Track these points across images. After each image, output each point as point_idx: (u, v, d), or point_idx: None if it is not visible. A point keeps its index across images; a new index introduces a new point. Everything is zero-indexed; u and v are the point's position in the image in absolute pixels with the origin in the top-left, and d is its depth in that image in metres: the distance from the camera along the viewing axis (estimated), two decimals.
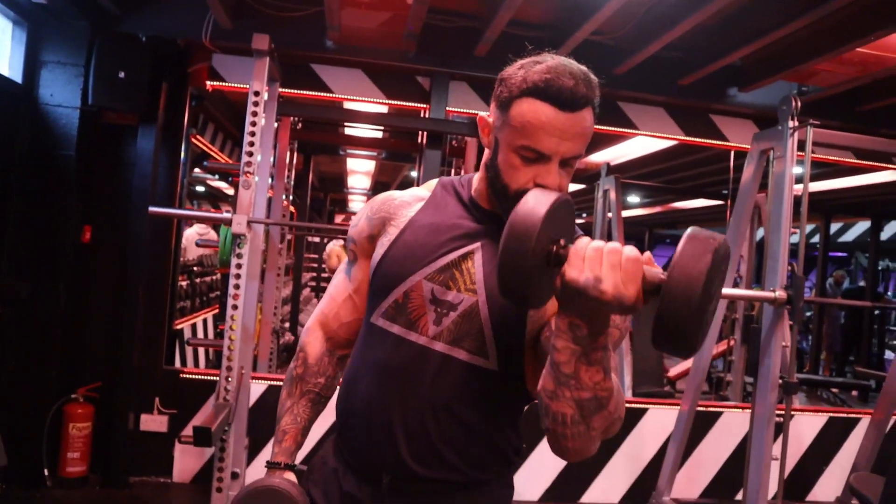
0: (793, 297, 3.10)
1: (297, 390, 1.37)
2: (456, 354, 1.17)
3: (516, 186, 1.13)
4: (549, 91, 1.08)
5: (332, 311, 1.37)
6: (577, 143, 1.11)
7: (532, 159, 1.11)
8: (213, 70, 3.92)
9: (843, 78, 3.98)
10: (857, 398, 7.14)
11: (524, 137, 1.10)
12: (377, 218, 1.31)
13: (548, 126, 1.08)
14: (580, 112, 1.09)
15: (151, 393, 3.82)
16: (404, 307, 1.20)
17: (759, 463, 3.18)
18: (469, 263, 1.19)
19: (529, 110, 1.09)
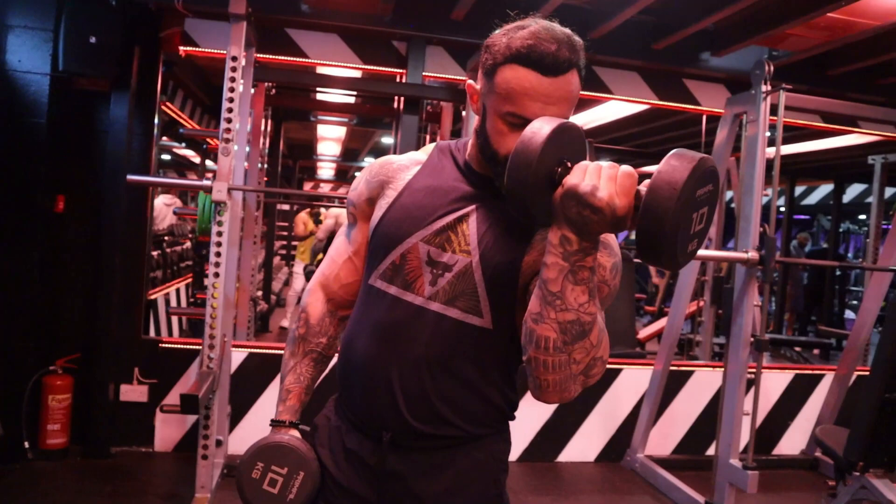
0: (765, 258, 3.20)
1: (300, 350, 1.39)
2: (450, 314, 1.21)
3: (505, 152, 1.14)
4: (532, 56, 1.09)
5: (332, 273, 1.40)
6: (562, 107, 1.12)
7: (518, 125, 1.12)
8: (186, 35, 3.84)
9: (812, 43, 4.04)
10: (818, 356, 7.37)
11: (509, 104, 1.12)
12: (376, 181, 1.33)
13: (531, 92, 1.10)
14: (564, 76, 1.10)
15: (130, 363, 3.81)
16: (401, 268, 1.23)
17: (732, 418, 3.30)
18: (464, 226, 1.21)
19: (513, 77, 1.11)
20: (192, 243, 7.36)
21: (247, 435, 3.89)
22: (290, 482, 1.27)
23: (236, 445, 3.82)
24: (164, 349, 3.87)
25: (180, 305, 6.12)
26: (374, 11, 3.83)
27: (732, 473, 3.22)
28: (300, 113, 7.15)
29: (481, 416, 1.26)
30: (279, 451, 1.28)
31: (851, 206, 10.09)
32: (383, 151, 10.42)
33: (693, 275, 3.90)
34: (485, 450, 1.28)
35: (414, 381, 1.21)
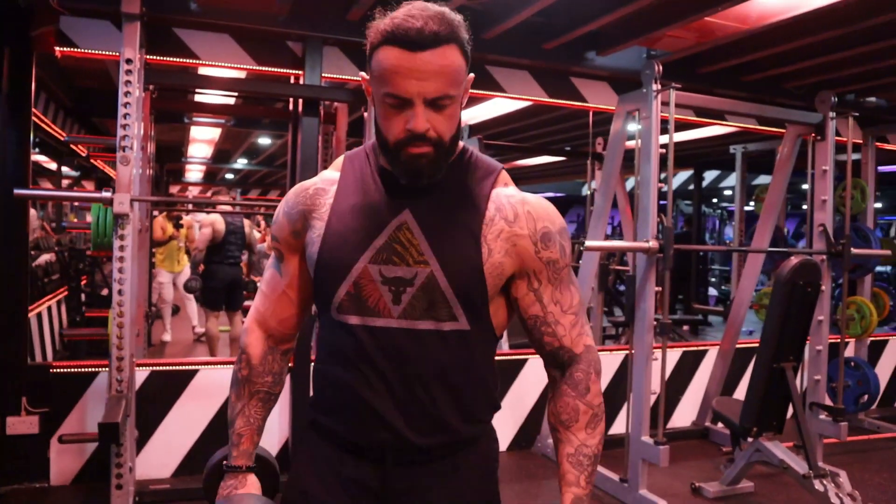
0: (664, 246, 3.41)
1: (246, 391, 1.35)
2: (426, 326, 1.19)
3: (393, 138, 1.15)
4: (397, 34, 1.09)
5: (268, 310, 1.35)
6: (437, 81, 1.11)
7: (397, 105, 1.13)
8: (62, 34, 3.54)
9: (686, 43, 4.34)
10: (689, 332, 7.94)
11: (384, 85, 1.12)
12: (296, 212, 1.28)
13: (400, 69, 1.10)
14: (434, 50, 1.09)
15: (17, 392, 3.50)
16: (358, 296, 1.20)
17: (640, 398, 3.50)
18: (408, 234, 1.19)
19: (384, 57, 1.11)
20: (58, 256, 6.83)
21: (154, 456, 3.69)
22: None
23: (144, 470, 3.62)
24: (56, 374, 3.58)
25: (53, 324, 5.67)
26: (268, 11, 3.71)
27: (645, 449, 3.42)
28: (173, 115, 6.80)
29: (476, 413, 1.27)
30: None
31: (706, 191, 10.90)
32: (258, 152, 10.12)
33: (595, 263, 4.10)
34: (480, 450, 1.30)
35: (407, 398, 1.19)
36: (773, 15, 3.76)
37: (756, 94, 4.87)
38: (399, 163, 1.17)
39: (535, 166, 10.53)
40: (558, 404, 1.28)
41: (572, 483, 1.25)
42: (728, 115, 5.00)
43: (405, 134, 1.13)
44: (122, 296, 2.95)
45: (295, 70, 4.02)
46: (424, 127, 1.12)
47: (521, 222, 1.23)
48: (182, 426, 3.75)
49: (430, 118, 1.13)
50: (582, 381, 1.27)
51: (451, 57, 1.11)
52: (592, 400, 1.27)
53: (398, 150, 1.15)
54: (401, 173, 1.18)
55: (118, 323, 2.95)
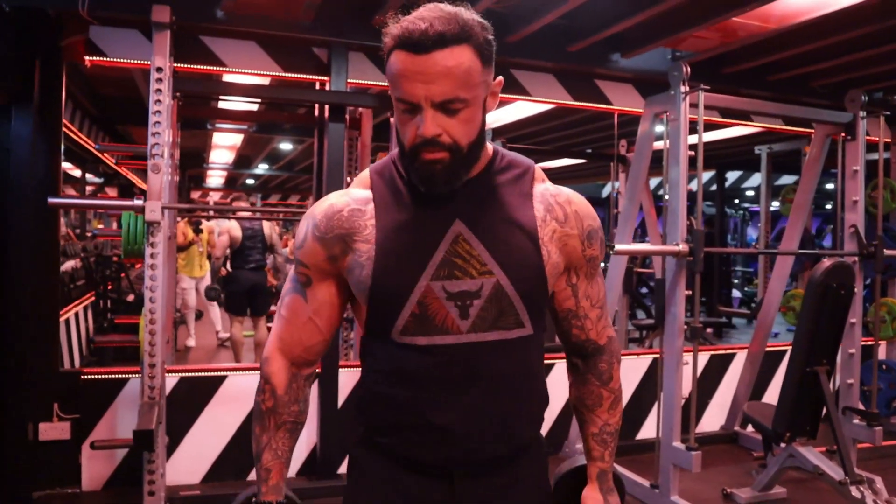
0: (694, 250, 3.38)
1: (272, 423, 1.30)
2: (497, 336, 1.18)
3: (408, 144, 1.13)
4: (403, 38, 1.08)
5: (292, 337, 1.28)
6: (445, 84, 1.08)
7: (409, 111, 1.11)
8: (92, 44, 3.57)
9: (711, 44, 4.31)
10: (713, 335, 7.87)
11: (395, 90, 1.11)
12: (332, 237, 1.22)
13: (406, 72, 1.08)
14: (441, 51, 1.07)
15: (49, 399, 3.53)
16: (425, 316, 1.16)
17: (671, 402, 3.47)
18: (466, 246, 1.17)
19: (393, 62, 1.10)
20: (83, 262, 6.90)
21: (183, 463, 3.71)
22: None
23: (173, 476, 3.64)
24: (87, 381, 3.61)
25: (81, 330, 5.73)
26: (293, 18, 3.73)
27: (676, 455, 3.39)
28: (197, 121, 6.85)
29: (536, 418, 1.29)
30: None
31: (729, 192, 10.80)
32: (279, 158, 10.17)
33: (623, 267, 4.07)
34: (536, 456, 1.32)
35: (479, 414, 1.18)
36: (799, 14, 3.72)
37: (782, 93, 4.82)
38: (414, 169, 1.15)
39: (555, 168, 10.50)
40: (582, 391, 1.38)
41: (597, 458, 1.37)
42: (754, 116, 4.96)
43: (417, 139, 1.11)
44: (154, 303, 2.97)
45: (320, 76, 4.03)
46: (433, 132, 1.09)
47: (571, 222, 1.25)
48: (211, 432, 3.77)
49: (443, 122, 1.10)
50: (605, 371, 1.37)
51: (461, 57, 1.08)
52: (614, 386, 1.38)
53: (413, 156, 1.13)
54: (417, 180, 1.16)
55: (150, 330, 2.97)
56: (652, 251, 4.28)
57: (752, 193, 12.89)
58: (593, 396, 1.37)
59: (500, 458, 1.23)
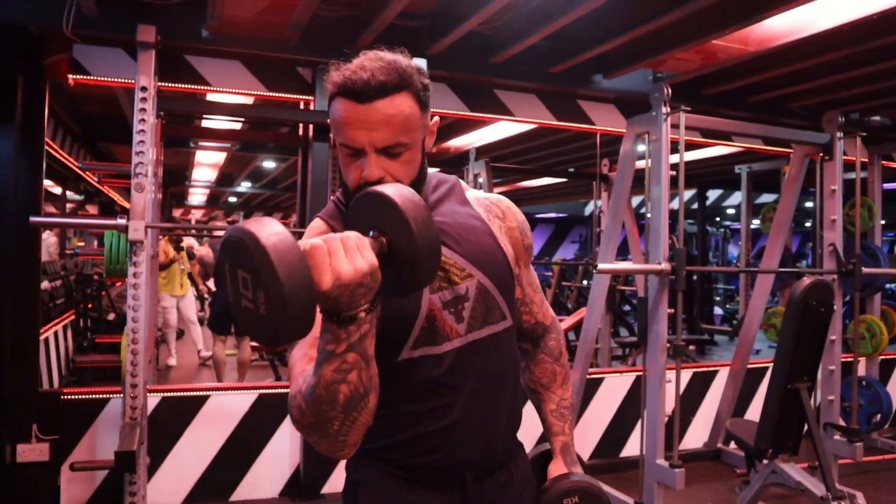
0: (676, 268, 3.41)
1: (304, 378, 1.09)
2: (488, 331, 1.26)
3: (351, 185, 1.19)
4: (346, 87, 1.13)
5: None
6: (387, 131, 1.14)
7: (352, 154, 1.17)
8: (75, 62, 3.57)
9: (691, 66, 4.38)
10: (695, 352, 7.91)
11: (339, 135, 1.16)
12: None
13: (348, 120, 1.14)
14: (382, 100, 1.12)
15: (27, 419, 3.48)
16: (432, 327, 1.22)
17: (655, 420, 3.48)
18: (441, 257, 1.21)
19: (336, 109, 1.15)
20: (64, 281, 6.83)
21: (165, 483, 3.66)
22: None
23: (154, 497, 3.59)
24: (67, 401, 3.57)
25: (60, 350, 5.66)
26: (278, 38, 3.75)
27: (660, 473, 3.39)
28: (179, 139, 6.84)
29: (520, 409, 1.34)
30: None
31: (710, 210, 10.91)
32: (262, 176, 10.15)
33: (606, 285, 4.10)
34: (522, 452, 1.39)
35: (483, 410, 1.25)
36: (778, 37, 3.80)
37: (762, 114, 4.91)
38: None
39: (538, 187, 10.57)
40: (536, 371, 1.48)
41: (559, 433, 1.45)
42: (735, 136, 5.03)
43: (362, 181, 1.16)
44: (136, 322, 2.95)
45: (305, 96, 4.05)
46: (378, 175, 1.15)
47: (509, 217, 1.38)
48: (193, 452, 3.73)
49: (385, 165, 1.16)
50: (555, 347, 1.49)
51: (402, 105, 1.14)
52: (564, 360, 1.50)
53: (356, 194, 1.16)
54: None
55: (132, 350, 2.95)
56: (635, 270, 4.31)
57: (732, 212, 13.04)
58: (548, 374, 1.47)
59: (501, 456, 1.29)
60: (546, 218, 16.66)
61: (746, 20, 3.46)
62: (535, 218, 16.97)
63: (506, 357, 1.29)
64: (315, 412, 1.01)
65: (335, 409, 1.00)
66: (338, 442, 1.05)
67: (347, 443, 1.06)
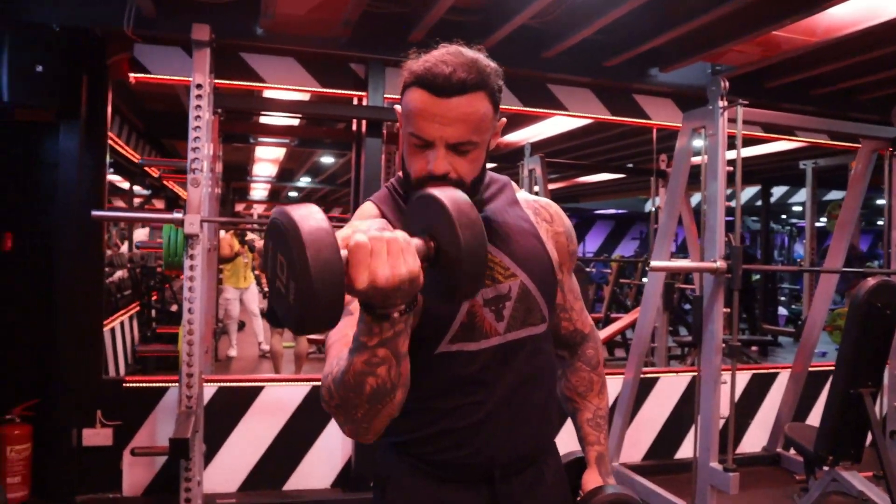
0: (732, 267, 3.32)
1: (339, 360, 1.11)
2: (528, 332, 1.26)
3: (414, 175, 1.18)
4: (426, 78, 1.13)
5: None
6: (460, 128, 1.14)
7: (420, 146, 1.16)
8: (136, 61, 3.70)
9: (752, 58, 4.24)
10: (758, 353, 7.68)
11: (410, 124, 1.16)
12: None
13: (425, 112, 1.13)
14: (461, 97, 1.12)
15: (92, 406, 3.62)
16: (472, 324, 1.22)
17: (709, 422, 3.39)
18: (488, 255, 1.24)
19: (412, 99, 1.15)
20: (130, 273, 7.08)
21: (220, 471, 3.76)
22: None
23: (210, 484, 3.69)
24: (129, 389, 3.70)
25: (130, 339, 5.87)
26: (331, 35, 3.80)
27: (714, 476, 3.31)
28: (239, 136, 7.00)
29: (556, 412, 1.35)
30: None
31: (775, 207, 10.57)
32: (321, 171, 10.31)
33: (660, 283, 4.01)
34: (555, 453, 1.39)
35: (517, 410, 1.25)
36: (843, 27, 3.65)
37: (827, 107, 4.73)
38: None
39: (595, 183, 10.43)
40: (573, 379, 1.46)
41: (594, 442, 1.43)
42: (798, 131, 4.86)
43: (425, 173, 1.16)
44: (192, 314, 3.03)
45: (358, 91, 4.09)
46: (444, 170, 1.15)
47: (557, 221, 1.38)
48: (248, 442, 3.82)
49: (452, 161, 1.16)
50: (593, 356, 1.47)
51: (478, 104, 1.14)
52: (601, 370, 1.48)
53: (420, 186, 1.16)
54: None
55: (188, 340, 3.03)
56: (689, 268, 4.21)
57: (799, 209, 12.59)
58: (585, 382, 1.46)
59: (535, 452, 1.30)
60: (605, 214, 16.43)
61: (810, 9, 3.33)
62: (595, 214, 16.77)
63: (542, 360, 1.29)
64: (342, 396, 1.02)
65: (360, 398, 1.01)
66: (361, 427, 1.05)
67: (371, 429, 1.06)
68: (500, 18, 3.63)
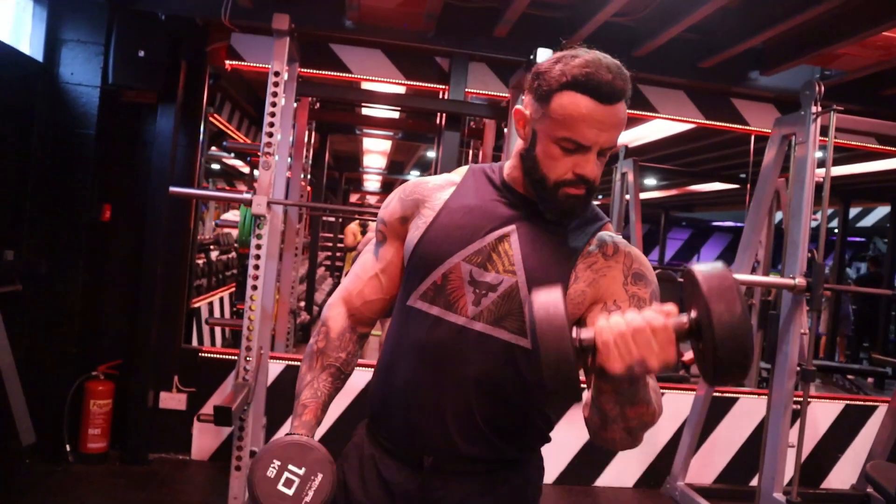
0: (812, 285, 3.08)
1: (318, 364, 1.34)
2: (497, 334, 1.21)
3: (555, 177, 1.17)
4: (590, 84, 1.11)
5: (356, 289, 1.38)
6: (613, 134, 1.15)
7: (571, 150, 1.15)
8: (232, 49, 3.91)
9: (865, 62, 3.91)
10: (873, 385, 7.08)
11: (565, 129, 1.14)
12: (410, 200, 1.32)
13: (588, 118, 1.12)
14: (618, 104, 1.13)
15: (170, 371, 3.87)
16: (443, 288, 1.23)
17: (776, 450, 3.18)
18: (506, 245, 1.22)
19: (570, 103, 1.12)
20: (236, 253, 7.47)
21: None
22: (308, 484, 1.17)
23: None
24: (204, 358, 3.92)
25: (223, 315, 6.21)
26: (417, 28, 3.84)
27: None
28: (345, 127, 7.22)
29: (523, 438, 1.28)
30: (298, 450, 1.19)
31: None
32: (428, 165, 10.46)
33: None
34: (522, 475, 1.31)
35: (461, 401, 1.22)
36: None
37: None
38: (555, 200, 1.19)
39: (709, 192, 9.96)
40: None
41: None
42: None
43: (571, 176, 1.16)
44: (256, 290, 3.17)
45: (441, 85, 4.12)
46: (597, 174, 1.17)
47: (618, 257, 1.25)
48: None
49: (596, 164, 1.18)
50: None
51: (624, 111, 1.16)
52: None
53: (557, 188, 1.18)
54: (552, 210, 1.21)
55: (250, 316, 3.17)
56: (764, 283, 3.95)
57: None
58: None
59: (475, 458, 1.24)
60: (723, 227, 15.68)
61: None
62: (711, 226, 16.04)
63: (511, 374, 1.21)
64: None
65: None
66: None
67: None
68: (586, 14, 3.54)
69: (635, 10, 3.61)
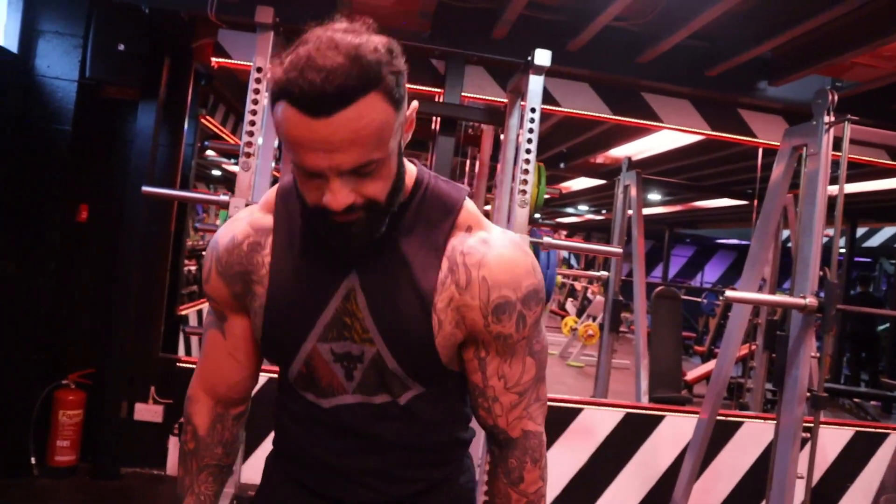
0: (825, 305, 2.89)
1: (194, 466, 1.23)
2: (382, 399, 1.09)
3: (310, 202, 0.95)
4: (293, 93, 0.85)
5: (215, 374, 1.21)
6: (353, 151, 0.87)
7: (309, 176, 0.91)
8: (219, 46, 3.74)
9: (880, 73, 3.74)
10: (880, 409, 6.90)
11: (289, 151, 0.90)
12: (232, 273, 1.11)
13: (301, 139, 0.87)
14: (345, 111, 0.85)
15: (147, 381, 3.69)
16: (311, 377, 1.09)
17: (784, 479, 2.98)
18: (353, 305, 1.04)
19: (282, 119, 0.88)
20: None
21: (261, 464, 3.71)
22: None
23: (249, 474, 3.65)
24: (182, 368, 3.73)
25: None
26: (411, 28, 3.68)
27: None
28: None
29: (442, 459, 1.17)
30: None
31: None
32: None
33: (745, 317, 3.59)
34: (451, 490, 1.18)
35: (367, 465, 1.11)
36: None
37: None
38: (324, 229, 0.98)
39: (715, 209, 9.78)
40: (492, 487, 1.17)
41: None
42: None
43: (322, 206, 0.92)
44: None
45: (435, 88, 3.96)
46: (344, 202, 0.91)
47: (472, 290, 1.04)
48: None
49: (356, 185, 0.92)
50: (515, 469, 1.13)
51: (370, 112, 0.87)
52: (527, 489, 1.14)
53: (320, 216, 0.95)
54: (327, 240, 0.99)
55: None
56: (771, 302, 3.76)
57: None
58: (501, 495, 1.15)
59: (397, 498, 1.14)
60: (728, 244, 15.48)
61: None
62: (716, 243, 15.84)
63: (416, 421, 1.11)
64: None
65: None
66: None
67: None
68: (586, 17, 3.39)
69: (638, 15, 3.46)
